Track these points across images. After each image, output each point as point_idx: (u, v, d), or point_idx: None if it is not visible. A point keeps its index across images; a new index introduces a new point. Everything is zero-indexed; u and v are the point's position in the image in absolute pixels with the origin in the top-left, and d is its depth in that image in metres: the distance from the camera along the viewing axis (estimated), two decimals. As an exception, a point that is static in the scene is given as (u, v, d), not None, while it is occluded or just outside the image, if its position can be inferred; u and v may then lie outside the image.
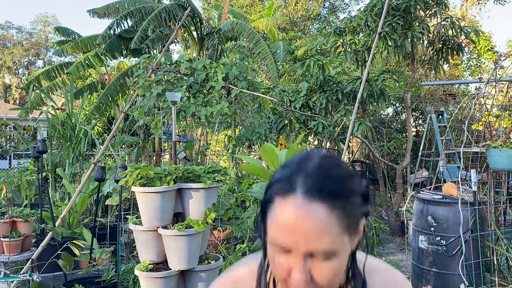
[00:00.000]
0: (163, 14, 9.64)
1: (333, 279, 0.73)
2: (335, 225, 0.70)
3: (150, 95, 4.64)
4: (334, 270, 0.72)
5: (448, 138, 7.52)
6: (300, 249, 0.70)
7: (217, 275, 3.18)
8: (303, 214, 0.70)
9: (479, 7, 16.27)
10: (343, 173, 0.75)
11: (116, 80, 9.61)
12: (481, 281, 3.56)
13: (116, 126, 4.61)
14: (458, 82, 12.41)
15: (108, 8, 10.22)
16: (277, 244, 0.72)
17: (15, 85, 33.96)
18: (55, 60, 32.80)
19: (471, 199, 3.56)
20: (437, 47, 6.43)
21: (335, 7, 23.27)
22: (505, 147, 3.70)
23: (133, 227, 2.95)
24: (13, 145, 10.28)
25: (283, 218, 0.71)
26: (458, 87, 13.79)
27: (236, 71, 4.70)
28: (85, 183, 4.28)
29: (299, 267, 0.71)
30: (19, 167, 7.84)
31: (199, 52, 10.66)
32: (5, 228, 3.95)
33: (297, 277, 0.71)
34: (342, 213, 0.71)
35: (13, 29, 36.03)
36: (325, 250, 0.70)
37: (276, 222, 0.72)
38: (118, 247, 3.75)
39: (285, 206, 0.71)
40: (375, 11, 6.22)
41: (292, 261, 0.72)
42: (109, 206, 5.42)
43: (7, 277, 3.43)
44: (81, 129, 6.46)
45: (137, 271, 2.84)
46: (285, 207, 0.71)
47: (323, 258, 0.71)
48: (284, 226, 0.71)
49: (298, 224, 0.69)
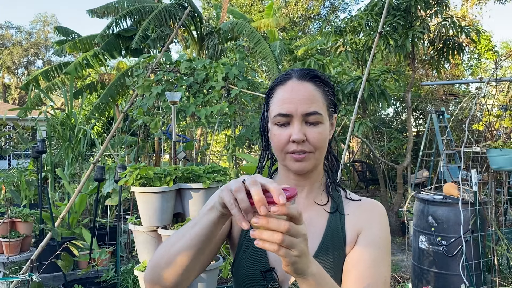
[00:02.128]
0: (164, 14, 9.63)
1: (321, 142, 0.95)
2: (320, 98, 0.97)
3: (150, 95, 4.63)
4: (321, 134, 0.95)
5: (449, 138, 7.51)
6: (298, 111, 0.94)
7: (217, 275, 3.17)
8: (298, 88, 0.96)
9: (480, 6, 16.27)
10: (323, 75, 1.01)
11: (117, 80, 9.59)
12: (482, 282, 3.55)
13: (116, 126, 4.59)
14: (458, 82, 12.40)
15: (107, 7, 10.20)
16: (280, 115, 0.94)
17: (14, 85, 33.93)
18: (54, 60, 32.79)
19: (471, 199, 3.55)
20: (438, 47, 6.42)
21: (335, 6, 23.25)
22: (505, 147, 3.68)
23: (133, 227, 2.94)
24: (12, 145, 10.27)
25: (285, 93, 0.96)
26: (458, 87, 13.78)
27: (236, 71, 4.69)
28: (84, 183, 4.27)
29: (297, 129, 0.93)
30: (19, 167, 7.83)
31: (199, 52, 10.65)
32: (5, 228, 3.94)
33: (296, 136, 0.92)
34: (323, 95, 0.98)
35: (12, 29, 36.02)
36: (315, 111, 0.94)
37: (279, 99, 0.97)
38: (118, 248, 3.74)
39: (284, 87, 0.97)
40: (376, 11, 6.20)
41: (291, 129, 0.94)
42: (109, 206, 5.41)
43: (7, 278, 3.42)
44: (80, 129, 6.45)
45: (137, 272, 2.82)
46: (285, 87, 0.97)
47: (313, 123, 0.94)
48: (286, 98, 0.95)
49: (296, 94, 0.95)
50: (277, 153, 0.98)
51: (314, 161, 0.96)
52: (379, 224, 1.00)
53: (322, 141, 0.96)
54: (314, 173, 1.02)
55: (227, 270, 3.07)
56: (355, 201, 1.04)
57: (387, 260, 0.97)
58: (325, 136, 0.97)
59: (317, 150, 0.95)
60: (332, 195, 1.03)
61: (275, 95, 0.99)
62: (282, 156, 0.97)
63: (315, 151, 0.95)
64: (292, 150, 0.94)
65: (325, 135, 0.97)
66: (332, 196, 1.03)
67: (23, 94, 28.76)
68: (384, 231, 0.99)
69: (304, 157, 0.94)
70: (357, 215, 1.01)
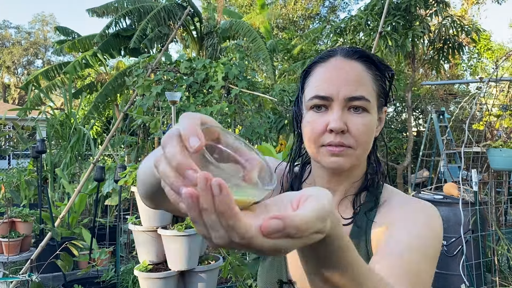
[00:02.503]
0: (162, 13, 9.63)
1: (365, 136, 0.76)
2: (370, 82, 0.78)
3: (150, 95, 4.62)
4: (366, 125, 0.76)
5: (449, 138, 7.51)
6: (341, 94, 0.75)
7: (217, 275, 3.17)
8: (343, 66, 0.77)
9: (478, 6, 16.27)
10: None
11: (114, 80, 9.59)
12: (482, 282, 3.55)
13: (115, 126, 4.59)
14: (458, 82, 12.40)
15: (107, 7, 10.21)
16: (316, 97, 0.76)
17: (14, 85, 33.91)
18: (54, 59, 32.76)
19: (472, 199, 3.55)
20: (438, 46, 6.41)
21: (335, 6, 23.25)
22: (506, 147, 3.68)
23: (133, 227, 2.93)
24: (12, 145, 10.26)
25: (326, 71, 0.78)
26: (458, 87, 13.78)
27: (236, 71, 4.68)
28: (84, 183, 4.26)
29: (336, 115, 0.75)
30: (18, 167, 7.82)
31: (199, 51, 10.65)
32: (4, 228, 3.93)
33: (335, 124, 0.74)
34: (373, 79, 0.78)
35: (11, 29, 36.02)
36: (362, 96, 0.75)
37: (317, 79, 0.78)
38: (118, 248, 3.73)
39: (326, 64, 0.79)
40: (376, 11, 6.20)
41: (329, 116, 0.76)
42: (109, 206, 5.40)
43: (6, 278, 3.41)
44: (79, 129, 6.44)
45: (137, 272, 2.82)
46: (326, 65, 0.79)
47: (357, 109, 0.76)
48: (326, 77, 0.77)
49: (339, 72, 0.76)
50: (310, 145, 0.80)
51: (353, 159, 0.77)
52: (413, 221, 0.75)
53: (367, 135, 0.77)
54: (350, 177, 0.83)
55: (227, 270, 3.07)
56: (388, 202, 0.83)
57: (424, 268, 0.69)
58: (371, 129, 0.78)
59: (359, 145, 0.76)
60: (363, 213, 0.82)
61: (313, 75, 0.81)
62: (315, 150, 0.79)
63: (357, 147, 0.76)
64: (328, 142, 0.76)
65: (371, 128, 0.78)
66: (364, 214, 0.81)
67: (23, 94, 28.74)
68: (422, 230, 0.73)
69: (342, 151, 0.76)
70: (385, 214, 0.80)
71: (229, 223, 0.40)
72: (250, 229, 0.40)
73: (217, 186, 0.39)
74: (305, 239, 0.42)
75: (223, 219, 0.40)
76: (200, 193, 0.40)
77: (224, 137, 0.49)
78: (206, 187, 0.39)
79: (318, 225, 0.42)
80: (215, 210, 0.40)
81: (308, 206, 0.43)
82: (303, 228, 0.41)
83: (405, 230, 0.73)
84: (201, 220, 0.41)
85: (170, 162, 0.43)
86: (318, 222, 0.42)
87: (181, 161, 0.42)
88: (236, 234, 0.40)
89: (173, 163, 0.43)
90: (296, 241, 0.41)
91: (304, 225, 0.41)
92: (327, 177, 0.84)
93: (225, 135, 0.49)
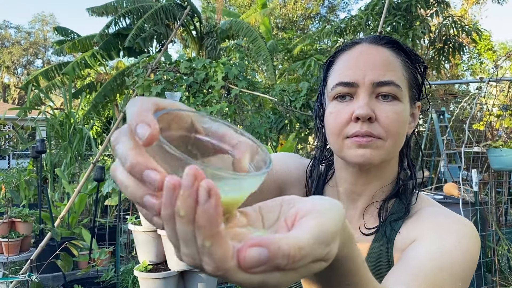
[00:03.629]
0: (161, 13, 9.62)
1: (396, 126, 0.67)
2: (400, 68, 0.70)
3: (150, 95, 4.62)
4: (397, 114, 0.67)
5: (449, 138, 7.50)
6: (367, 79, 0.67)
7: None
8: (370, 51, 0.70)
9: (479, 6, 16.27)
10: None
11: (113, 80, 9.59)
12: (482, 282, 3.54)
13: (115, 126, 4.58)
14: (459, 82, 12.40)
15: (106, 7, 10.20)
16: (340, 84, 0.69)
17: (14, 85, 33.90)
18: (53, 59, 32.75)
19: (472, 199, 3.55)
20: (438, 46, 6.41)
21: (334, 6, 23.25)
22: (506, 147, 3.67)
23: (133, 227, 2.93)
24: (11, 145, 10.26)
25: (350, 59, 0.70)
26: (458, 87, 13.77)
27: (236, 71, 4.68)
28: (84, 183, 4.25)
29: (363, 102, 0.66)
30: (18, 167, 7.82)
31: (199, 51, 10.64)
32: (4, 229, 3.93)
33: (361, 111, 0.65)
34: (404, 65, 0.71)
35: (11, 29, 36.00)
36: (391, 81, 0.67)
37: (341, 67, 0.71)
38: (118, 248, 3.73)
39: (351, 52, 0.71)
40: (376, 10, 6.21)
41: (354, 104, 0.67)
42: (108, 206, 5.39)
43: (6, 278, 3.41)
44: (79, 128, 6.44)
45: (137, 272, 2.82)
46: (351, 53, 0.71)
47: (387, 97, 0.67)
48: (351, 64, 0.69)
49: (366, 57, 0.69)
50: (333, 139, 0.70)
51: (383, 152, 0.67)
52: (441, 236, 0.65)
53: (398, 125, 0.67)
54: (379, 177, 0.73)
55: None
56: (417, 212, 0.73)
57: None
58: (403, 119, 0.68)
59: (389, 136, 0.67)
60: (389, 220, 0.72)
61: (336, 63, 0.73)
62: (339, 143, 0.69)
63: (387, 138, 0.67)
64: (354, 132, 0.67)
65: (403, 118, 0.68)
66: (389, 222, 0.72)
67: (23, 94, 28.74)
68: (450, 247, 0.63)
69: (370, 142, 0.66)
70: (413, 225, 0.70)
71: (205, 243, 0.30)
72: (227, 258, 0.30)
73: (205, 190, 0.29)
74: (302, 270, 0.31)
75: (199, 236, 0.30)
76: (180, 195, 0.30)
77: (200, 123, 0.39)
78: (192, 190, 0.29)
79: (318, 251, 0.32)
80: (193, 221, 0.30)
81: (305, 227, 0.32)
82: (297, 258, 0.30)
83: (429, 245, 0.64)
84: (173, 225, 0.31)
85: (123, 163, 0.33)
86: (319, 247, 0.31)
87: (134, 160, 0.32)
88: (210, 260, 0.30)
89: (126, 164, 0.32)
90: (289, 274, 0.31)
91: (298, 253, 0.30)
92: (352, 178, 0.74)
93: (201, 119, 0.39)
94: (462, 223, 0.69)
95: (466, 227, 0.69)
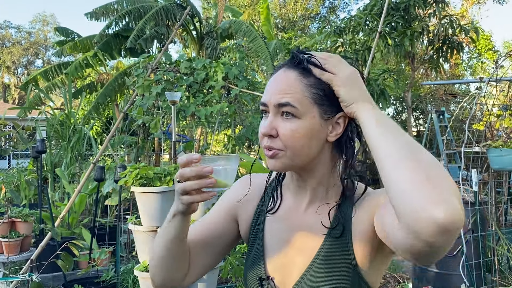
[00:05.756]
0: (161, 13, 9.62)
1: (292, 140, 0.83)
2: (303, 90, 0.84)
3: (150, 95, 4.62)
4: (293, 130, 0.83)
5: (449, 138, 7.50)
6: (272, 101, 0.85)
7: (217, 275, 3.16)
8: (280, 76, 0.87)
9: (479, 6, 16.27)
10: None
11: (114, 80, 9.58)
12: (482, 282, 3.55)
13: (115, 126, 4.59)
14: (458, 82, 12.41)
15: (106, 8, 10.17)
16: (260, 104, 0.88)
17: (14, 85, 33.90)
18: (54, 59, 32.74)
19: (472, 199, 3.55)
20: (437, 46, 6.42)
21: (335, 6, 23.24)
22: (506, 147, 3.68)
23: (133, 227, 2.93)
24: (12, 145, 10.26)
25: (269, 81, 0.89)
26: (458, 87, 13.78)
27: (236, 71, 4.68)
28: (84, 183, 4.26)
29: (268, 121, 0.85)
30: (18, 167, 7.83)
31: (199, 51, 10.64)
32: (4, 228, 3.93)
33: (262, 129, 0.85)
34: (307, 86, 0.84)
35: (12, 29, 35.98)
36: (287, 102, 0.82)
37: (266, 87, 0.89)
38: (118, 248, 3.73)
39: (273, 75, 0.89)
40: (375, 11, 6.21)
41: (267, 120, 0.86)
42: (109, 206, 5.40)
43: (6, 278, 3.41)
44: (80, 128, 6.44)
45: (137, 272, 2.82)
46: (273, 76, 0.89)
47: (287, 116, 0.83)
48: (267, 87, 0.88)
49: (275, 82, 0.87)
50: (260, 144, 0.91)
51: (286, 160, 0.85)
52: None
53: (294, 139, 0.83)
54: (311, 175, 0.90)
55: (227, 270, 3.07)
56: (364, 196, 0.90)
57: None
58: (300, 133, 0.83)
59: (288, 148, 0.83)
60: (340, 214, 0.88)
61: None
62: (262, 151, 0.89)
63: (286, 150, 0.84)
64: (264, 145, 0.86)
65: (301, 132, 0.83)
66: (341, 216, 0.88)
67: (23, 94, 28.72)
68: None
69: (272, 154, 0.85)
70: (365, 205, 0.87)
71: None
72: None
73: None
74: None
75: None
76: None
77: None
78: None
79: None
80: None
81: None
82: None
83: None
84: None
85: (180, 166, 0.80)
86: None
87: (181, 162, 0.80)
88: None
89: (181, 163, 0.80)
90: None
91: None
92: (292, 176, 0.94)
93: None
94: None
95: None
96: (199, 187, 0.78)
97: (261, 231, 0.97)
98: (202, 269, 0.98)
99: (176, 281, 0.94)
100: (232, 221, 1.02)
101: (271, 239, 0.95)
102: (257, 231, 0.98)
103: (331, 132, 0.87)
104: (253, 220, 1.00)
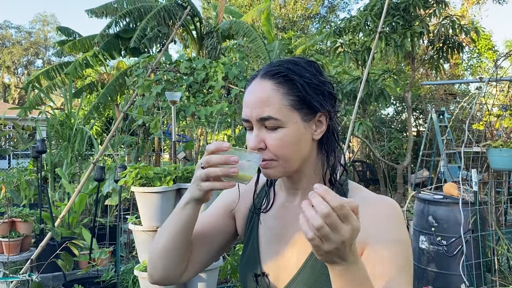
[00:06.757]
0: (162, 13, 9.62)
1: (282, 149, 0.85)
2: (281, 99, 0.85)
3: (150, 95, 4.62)
4: (281, 140, 0.85)
5: (449, 137, 7.51)
6: (253, 116, 0.86)
7: (216, 275, 3.17)
8: (255, 89, 0.87)
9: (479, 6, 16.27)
10: (302, 68, 0.87)
11: (115, 80, 9.58)
12: (482, 282, 3.55)
13: (116, 126, 4.59)
14: (458, 82, 12.41)
15: (106, 7, 10.19)
16: (243, 120, 0.88)
17: (14, 85, 33.90)
18: (54, 59, 32.75)
19: (472, 199, 3.55)
20: (437, 46, 6.41)
21: (334, 6, 23.24)
22: (506, 147, 3.68)
23: (133, 227, 2.93)
24: (12, 144, 10.26)
25: (246, 95, 0.89)
26: (458, 87, 13.77)
27: (236, 71, 4.68)
28: (84, 183, 4.26)
29: (253, 135, 0.86)
30: (18, 167, 7.83)
31: (199, 51, 10.64)
32: (4, 228, 3.93)
33: (250, 144, 0.86)
34: (283, 95, 0.85)
35: (12, 29, 35.97)
36: (269, 116, 0.84)
37: (243, 101, 0.89)
38: (118, 247, 3.73)
39: (248, 88, 0.89)
40: (375, 11, 6.20)
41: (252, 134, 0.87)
42: (109, 206, 5.40)
43: (6, 277, 3.42)
44: (79, 128, 6.44)
45: (137, 271, 2.82)
46: (248, 89, 0.89)
47: (271, 127, 0.85)
48: (245, 101, 0.88)
49: (252, 96, 0.87)
50: None
51: (281, 169, 0.87)
52: (385, 226, 0.85)
53: (284, 148, 0.85)
54: (302, 176, 0.92)
55: (225, 272, 3.07)
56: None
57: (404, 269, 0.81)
58: (288, 141, 0.85)
59: (279, 158, 0.86)
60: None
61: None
62: None
63: (278, 159, 0.86)
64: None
65: (289, 140, 0.85)
66: None
67: (23, 94, 28.74)
68: (393, 234, 0.84)
69: (266, 165, 0.86)
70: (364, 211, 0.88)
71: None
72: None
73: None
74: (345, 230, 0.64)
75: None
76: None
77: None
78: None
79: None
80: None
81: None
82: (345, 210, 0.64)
83: (383, 244, 0.81)
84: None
85: (206, 152, 0.82)
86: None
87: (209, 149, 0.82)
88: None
89: (209, 150, 0.82)
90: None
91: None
92: (284, 180, 0.96)
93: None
94: (391, 204, 0.89)
95: (392, 205, 0.89)
96: (222, 174, 0.79)
97: (256, 228, 0.99)
98: (200, 265, 0.99)
99: (175, 276, 0.95)
100: (230, 217, 1.04)
101: (265, 237, 0.97)
102: (252, 229, 1.00)
103: (315, 131, 0.89)
104: (248, 217, 1.02)
